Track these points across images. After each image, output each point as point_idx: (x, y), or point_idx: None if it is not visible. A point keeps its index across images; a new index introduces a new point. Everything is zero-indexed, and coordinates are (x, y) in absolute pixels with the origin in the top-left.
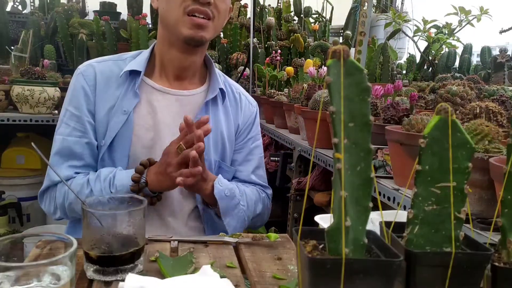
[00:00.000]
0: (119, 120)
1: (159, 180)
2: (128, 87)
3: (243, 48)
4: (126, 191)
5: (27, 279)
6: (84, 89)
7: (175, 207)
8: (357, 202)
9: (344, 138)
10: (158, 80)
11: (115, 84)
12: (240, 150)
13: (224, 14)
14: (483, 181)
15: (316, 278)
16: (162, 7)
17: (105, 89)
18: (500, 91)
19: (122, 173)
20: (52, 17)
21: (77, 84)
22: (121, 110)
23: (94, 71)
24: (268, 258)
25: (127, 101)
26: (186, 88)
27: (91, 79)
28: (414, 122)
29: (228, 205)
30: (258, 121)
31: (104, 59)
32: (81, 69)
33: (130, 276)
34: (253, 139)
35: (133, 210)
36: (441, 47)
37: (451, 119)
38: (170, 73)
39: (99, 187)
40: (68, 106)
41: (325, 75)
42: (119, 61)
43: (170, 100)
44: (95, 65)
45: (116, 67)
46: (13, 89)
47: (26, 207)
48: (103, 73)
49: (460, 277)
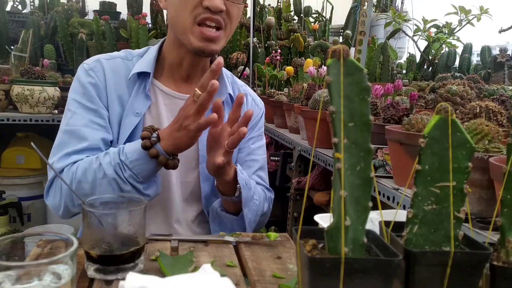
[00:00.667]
0: (131, 122)
1: (175, 138)
2: (138, 89)
3: (243, 48)
4: (137, 156)
5: (28, 278)
6: (96, 84)
7: (179, 214)
8: (357, 201)
9: (344, 137)
10: (165, 82)
11: (124, 83)
12: (241, 149)
13: (237, 19)
14: (482, 180)
15: (315, 277)
16: (171, 12)
17: (115, 87)
18: (500, 90)
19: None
20: (52, 17)
21: (88, 79)
22: (133, 112)
23: (103, 67)
24: (268, 257)
25: (139, 102)
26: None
27: (101, 74)
28: (414, 122)
29: (248, 195)
30: (263, 123)
31: (113, 55)
32: (90, 65)
33: (130, 275)
34: (255, 139)
35: (133, 209)
36: (441, 47)
37: (451, 119)
38: (179, 74)
39: (108, 159)
40: (81, 99)
41: (325, 74)
42: (127, 60)
43: (177, 104)
44: (103, 61)
45: (124, 65)
46: (13, 89)
47: (26, 207)
48: (112, 70)
49: (459, 276)
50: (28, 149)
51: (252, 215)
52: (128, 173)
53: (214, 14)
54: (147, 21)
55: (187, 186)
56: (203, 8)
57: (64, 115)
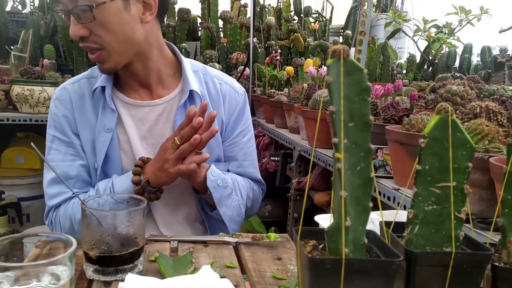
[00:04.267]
0: (104, 139)
1: (157, 176)
2: (104, 104)
3: (243, 48)
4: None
5: (26, 279)
6: (64, 114)
7: (168, 216)
8: (357, 202)
9: (344, 138)
10: (127, 93)
11: (90, 103)
12: (234, 144)
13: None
14: (483, 181)
15: (316, 278)
16: None
17: (82, 110)
18: (500, 90)
19: (118, 180)
20: (52, 17)
21: (56, 110)
22: (104, 129)
23: (69, 93)
24: (268, 258)
25: (107, 118)
26: (159, 96)
27: (67, 102)
28: (414, 122)
29: (222, 195)
30: (247, 111)
31: (78, 78)
32: (57, 94)
33: (129, 276)
34: (245, 131)
35: (132, 210)
36: (441, 47)
37: (451, 119)
38: (135, 82)
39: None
40: (54, 133)
41: (325, 74)
42: (92, 78)
43: (143, 111)
44: (68, 87)
45: (88, 85)
46: (13, 89)
47: (25, 207)
48: (77, 94)
49: (460, 277)
50: (28, 149)
51: (233, 211)
52: None
53: (81, 43)
54: None
55: (173, 190)
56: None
57: (46, 149)
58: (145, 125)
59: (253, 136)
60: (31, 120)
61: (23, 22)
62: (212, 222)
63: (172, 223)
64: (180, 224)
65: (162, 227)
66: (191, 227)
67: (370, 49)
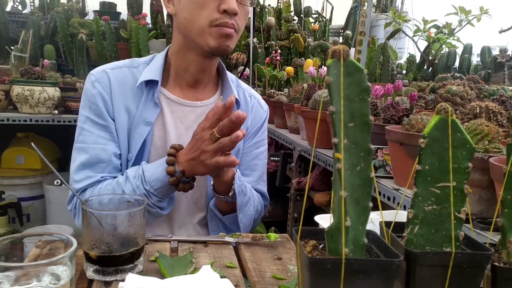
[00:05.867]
0: (142, 132)
1: (193, 166)
2: (147, 97)
3: (243, 48)
4: (161, 184)
5: (27, 279)
6: (102, 95)
7: (185, 219)
8: (357, 202)
9: (344, 138)
10: (172, 89)
11: (131, 93)
12: (246, 154)
13: (245, 21)
14: (483, 181)
15: (316, 278)
16: (184, 17)
17: (122, 97)
18: (500, 91)
19: (149, 167)
20: (52, 17)
21: (94, 91)
22: (143, 121)
23: (108, 77)
24: (268, 258)
25: (149, 111)
26: (199, 99)
27: (106, 85)
28: (414, 122)
29: (243, 201)
30: (266, 126)
31: (118, 65)
32: (96, 76)
33: (130, 276)
34: (259, 143)
35: (133, 210)
36: (441, 47)
37: (451, 119)
38: (185, 80)
39: (130, 187)
40: (88, 114)
41: (325, 75)
42: (133, 68)
43: (184, 111)
44: (108, 71)
45: (130, 74)
46: (13, 89)
47: (26, 207)
48: (118, 80)
49: (460, 277)
50: (28, 149)
51: (247, 220)
52: (155, 199)
53: (231, 19)
54: (147, 22)
55: (196, 191)
56: (220, 13)
57: (76, 130)
58: (184, 124)
59: (266, 151)
60: (31, 120)
61: (23, 22)
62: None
63: (187, 225)
64: (193, 227)
65: (177, 229)
66: (203, 230)
67: (370, 49)
